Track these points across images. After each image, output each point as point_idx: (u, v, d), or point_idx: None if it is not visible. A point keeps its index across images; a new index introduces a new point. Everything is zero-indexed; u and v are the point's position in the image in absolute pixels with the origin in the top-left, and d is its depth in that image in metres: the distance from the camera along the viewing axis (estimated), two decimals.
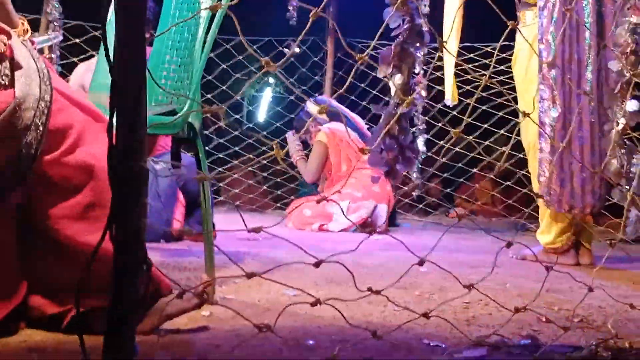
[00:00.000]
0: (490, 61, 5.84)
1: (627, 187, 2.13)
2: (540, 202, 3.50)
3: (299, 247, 1.48)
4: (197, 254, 3.35)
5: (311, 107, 5.56)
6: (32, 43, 1.94)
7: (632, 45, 2.18)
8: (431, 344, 1.88)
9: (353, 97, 6.39)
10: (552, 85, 3.26)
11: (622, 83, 2.18)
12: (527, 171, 3.93)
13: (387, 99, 2.41)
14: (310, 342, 1.85)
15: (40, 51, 2.29)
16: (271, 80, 9.16)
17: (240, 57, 6.34)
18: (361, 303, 2.33)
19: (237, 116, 6.93)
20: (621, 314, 2.25)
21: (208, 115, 6.28)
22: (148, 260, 1.25)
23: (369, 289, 1.52)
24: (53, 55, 5.03)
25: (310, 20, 1.52)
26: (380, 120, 1.82)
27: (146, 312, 1.84)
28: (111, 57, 1.21)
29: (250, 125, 7.09)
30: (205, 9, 1.56)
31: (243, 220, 1.42)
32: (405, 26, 1.73)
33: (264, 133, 6.94)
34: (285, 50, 6.60)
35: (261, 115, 8.73)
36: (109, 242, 1.22)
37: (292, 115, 6.43)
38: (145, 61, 1.20)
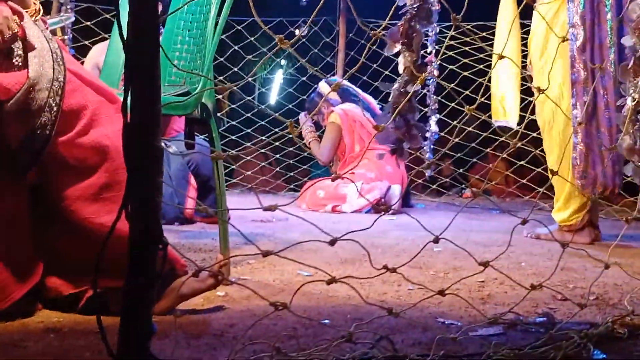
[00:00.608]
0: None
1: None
2: (555, 180, 3.48)
3: (314, 224, 1.48)
4: (212, 236, 3.36)
5: (324, 87, 5.55)
6: (45, 23, 1.94)
7: None
8: (446, 322, 1.88)
9: (365, 78, 6.36)
10: (585, 68, 3.26)
11: (635, 59, 2.16)
12: (542, 150, 3.90)
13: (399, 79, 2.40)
14: (326, 320, 1.86)
15: (53, 32, 2.29)
16: (283, 62, 9.14)
17: (252, 39, 6.32)
18: (375, 282, 2.34)
19: (249, 98, 6.91)
20: (637, 291, 2.24)
21: (220, 97, 6.29)
22: (164, 239, 1.26)
23: (385, 267, 1.52)
24: (65, 37, 5.05)
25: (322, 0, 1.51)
26: (390, 99, 1.82)
27: (162, 293, 1.85)
28: (125, 37, 1.22)
29: (262, 107, 7.08)
30: None
31: (258, 199, 1.43)
32: (414, 4, 1.72)
33: (276, 114, 6.92)
34: (296, 31, 6.59)
35: (273, 97, 8.73)
36: (125, 223, 1.23)
37: (304, 97, 6.41)
38: (158, 39, 1.20)
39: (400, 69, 1.76)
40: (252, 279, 2.39)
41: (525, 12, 4.27)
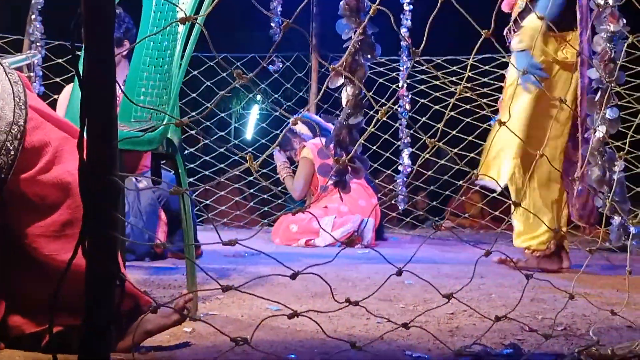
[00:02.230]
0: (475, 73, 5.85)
1: (609, 195, 2.14)
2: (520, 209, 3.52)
3: (273, 257, 1.48)
4: (182, 272, 3.33)
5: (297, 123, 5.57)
6: None
7: (610, 53, 2.19)
8: (414, 355, 1.87)
9: (338, 112, 6.38)
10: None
11: (601, 91, 2.20)
12: None
13: (371, 112, 2.42)
14: (292, 355, 1.84)
15: (19, 70, 2.28)
16: (258, 97, 9.17)
17: (224, 75, 6.34)
18: (344, 316, 2.33)
19: (223, 133, 6.91)
20: (604, 322, 2.25)
21: (194, 132, 6.28)
22: (122, 275, 1.25)
23: (347, 300, 1.52)
24: (32, 74, 5.03)
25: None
26: (332, 131, 1.83)
27: (126, 329, 1.83)
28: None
29: (237, 142, 7.09)
30: (175, 21, 1.56)
31: (218, 234, 1.42)
32: (357, 37, 1.73)
33: (250, 150, 6.93)
34: (270, 67, 6.62)
35: (249, 132, 8.74)
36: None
37: (279, 132, 6.42)
38: (114, 74, 1.20)
39: (343, 101, 1.77)
40: (221, 314, 2.37)
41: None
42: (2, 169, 1.72)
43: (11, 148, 1.73)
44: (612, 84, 2.15)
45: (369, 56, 1.82)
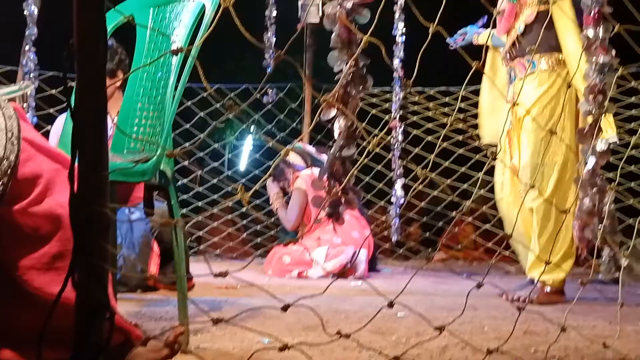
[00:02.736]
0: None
1: (599, 227, 2.14)
2: (549, 241, 3.53)
3: (266, 291, 1.47)
4: (174, 303, 3.30)
5: (289, 154, 5.57)
6: None
7: (599, 85, 2.21)
8: None
9: (331, 143, 6.39)
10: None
11: (591, 122, 2.21)
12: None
13: (364, 144, 2.42)
14: None
15: (12, 101, 2.28)
16: (252, 128, 9.19)
17: (217, 106, 6.35)
18: (336, 349, 2.31)
19: (216, 164, 6.91)
20: (596, 354, 2.24)
21: (187, 163, 6.29)
22: (111, 308, 1.24)
23: (339, 333, 1.51)
24: (24, 105, 5.02)
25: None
26: (325, 163, 1.84)
27: None
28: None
29: (229, 174, 7.09)
30: (167, 52, 1.56)
31: (209, 265, 1.41)
32: (349, 69, 1.74)
33: (243, 181, 6.92)
34: (264, 98, 6.65)
35: (242, 163, 8.75)
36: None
37: (272, 163, 6.43)
38: (105, 107, 1.20)
39: (336, 134, 1.78)
40: (212, 347, 2.35)
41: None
42: None
43: (1, 182, 1.72)
44: (602, 116, 2.16)
45: (361, 88, 1.83)
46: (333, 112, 1.79)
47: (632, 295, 4.01)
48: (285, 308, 1.45)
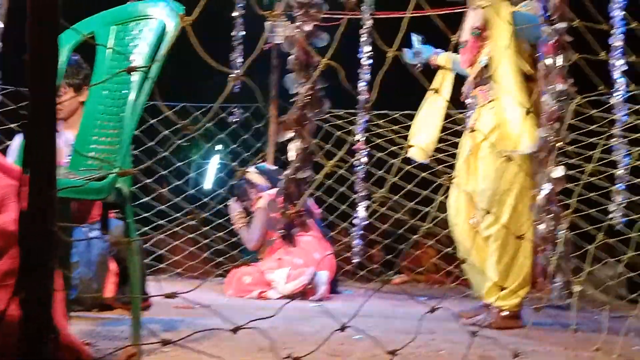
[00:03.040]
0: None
1: (553, 252, 2.16)
2: (508, 266, 3.56)
3: (219, 312, 1.46)
4: (130, 323, 3.28)
5: (253, 175, 5.57)
6: None
7: (557, 112, 2.23)
8: None
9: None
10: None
11: (548, 150, 2.23)
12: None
13: (328, 165, 2.42)
14: None
15: None
16: (218, 147, 9.16)
17: (181, 123, 6.30)
18: None
19: (179, 182, 6.86)
20: None
21: (149, 181, 6.25)
22: (56, 328, 1.23)
23: (289, 356, 1.50)
24: None
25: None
26: (279, 185, 1.84)
27: None
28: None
29: (193, 192, 7.06)
30: (122, 71, 1.56)
31: (161, 287, 1.41)
32: (306, 92, 1.74)
33: (206, 199, 6.88)
34: (230, 117, 6.65)
35: (207, 182, 8.70)
36: None
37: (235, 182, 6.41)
38: (54, 123, 1.19)
39: (291, 155, 1.78)
40: None
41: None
42: None
43: None
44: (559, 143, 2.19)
45: (318, 111, 1.83)
46: (290, 134, 1.80)
47: (590, 321, 4.04)
48: (235, 330, 1.45)
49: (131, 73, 2.07)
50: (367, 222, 6.28)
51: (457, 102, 4.05)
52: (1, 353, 1.30)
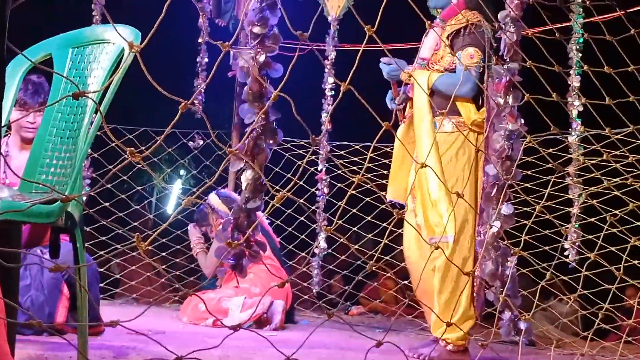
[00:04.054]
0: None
1: (501, 289, 2.18)
2: (449, 301, 3.57)
3: (158, 342, 1.45)
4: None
5: (213, 199, 5.56)
6: None
7: (507, 151, 2.27)
8: None
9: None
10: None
11: (497, 187, 2.26)
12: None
13: (289, 194, 2.43)
14: None
15: None
16: (182, 172, 9.14)
17: (143, 148, 6.29)
18: None
19: (138, 207, 6.82)
20: None
21: (107, 206, 6.21)
22: None
23: None
24: None
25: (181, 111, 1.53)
26: (229, 214, 1.84)
27: None
28: None
29: (151, 217, 7.02)
30: (68, 95, 1.55)
31: (99, 317, 1.39)
32: (259, 122, 1.76)
33: (166, 225, 6.81)
34: (190, 143, 6.63)
35: (170, 206, 8.67)
36: None
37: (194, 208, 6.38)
38: None
39: (243, 185, 1.79)
40: None
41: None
42: None
43: None
44: (509, 181, 2.22)
45: (271, 141, 1.84)
46: (241, 164, 1.80)
47: (543, 357, 4.06)
48: (179, 359, 1.44)
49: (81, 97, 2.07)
50: (327, 252, 6.30)
51: None
52: None
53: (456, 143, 3.63)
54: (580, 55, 4.98)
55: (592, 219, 4.84)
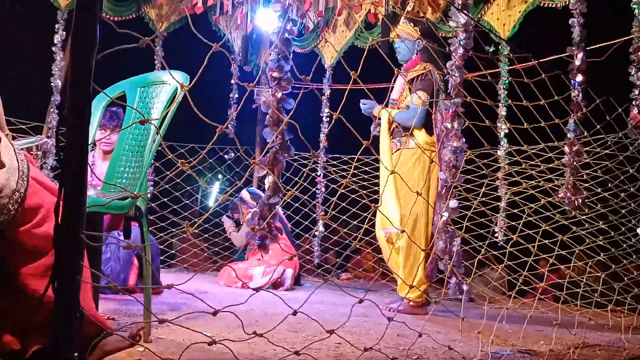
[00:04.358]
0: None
1: (449, 261, 2.18)
2: (410, 270, 3.56)
3: (202, 300, 1.45)
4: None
5: (245, 194, 5.58)
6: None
7: (453, 162, 2.26)
8: None
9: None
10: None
11: (446, 188, 2.25)
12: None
13: (295, 192, 2.43)
14: None
15: (29, 149, 2.25)
16: (219, 176, 9.12)
17: (191, 159, 6.29)
18: (259, 342, 2.27)
19: (188, 201, 6.80)
20: (445, 353, 2.26)
21: (166, 201, 6.19)
22: (81, 309, 1.20)
23: (254, 332, 1.49)
24: (38, 153, 4.88)
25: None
26: (256, 208, 1.84)
27: (92, 349, 1.75)
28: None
29: (197, 209, 7.00)
30: (136, 122, 1.55)
31: (159, 282, 1.39)
32: (277, 141, 1.75)
33: (208, 214, 6.81)
34: (225, 155, 6.63)
35: (210, 201, 8.65)
36: None
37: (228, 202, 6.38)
38: (85, 158, 1.18)
39: (266, 186, 1.78)
40: (167, 338, 2.29)
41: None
42: (4, 223, 1.66)
43: (12, 209, 1.67)
44: (455, 184, 2.22)
45: (286, 155, 1.84)
46: (264, 172, 1.80)
47: (479, 310, 4.05)
48: (215, 313, 1.43)
49: (146, 123, 2.06)
50: (324, 234, 6.29)
51: None
52: (44, 326, 1.27)
53: (414, 156, 3.64)
54: (506, 92, 4.99)
55: (515, 210, 4.84)
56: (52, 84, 5.30)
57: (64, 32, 5.32)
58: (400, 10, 4.27)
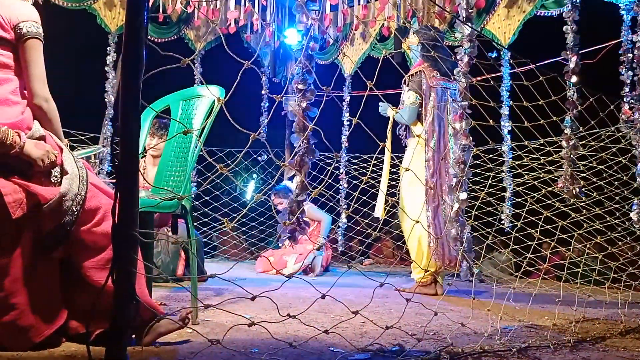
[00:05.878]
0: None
1: (461, 247, 2.16)
2: (417, 254, 3.53)
3: (241, 287, 1.46)
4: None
5: (289, 183, 5.57)
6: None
7: (462, 158, 2.24)
8: (334, 350, 1.84)
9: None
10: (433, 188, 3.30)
11: (457, 181, 2.24)
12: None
13: (320, 188, 2.43)
14: (255, 349, 1.80)
15: (88, 158, 2.30)
16: (254, 176, 9.17)
17: (229, 161, 6.33)
18: (293, 323, 2.28)
19: (227, 199, 6.84)
20: (459, 329, 2.24)
21: (208, 199, 6.24)
22: (137, 297, 1.22)
23: (288, 315, 1.50)
24: (96, 161, 4.96)
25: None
26: (286, 203, 1.84)
27: (149, 331, 1.78)
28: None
29: (235, 206, 7.04)
30: (180, 132, 1.56)
31: (204, 271, 1.40)
32: (303, 145, 1.75)
33: (246, 211, 6.86)
34: (258, 158, 6.65)
35: (247, 197, 8.71)
36: None
37: (263, 198, 6.40)
38: (137, 165, 1.20)
39: (293, 186, 1.79)
40: (213, 320, 2.31)
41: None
42: (68, 223, 1.70)
43: (75, 210, 1.71)
44: (464, 177, 2.20)
45: (311, 157, 1.84)
46: (292, 172, 1.80)
47: (490, 291, 4.01)
48: (253, 298, 1.44)
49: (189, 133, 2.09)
50: (347, 225, 6.29)
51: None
52: (105, 313, 1.29)
53: (413, 149, 3.61)
54: (508, 94, 4.93)
55: (519, 200, 4.78)
56: (105, 100, 5.38)
57: (115, 54, 5.39)
58: (410, 24, 4.23)
